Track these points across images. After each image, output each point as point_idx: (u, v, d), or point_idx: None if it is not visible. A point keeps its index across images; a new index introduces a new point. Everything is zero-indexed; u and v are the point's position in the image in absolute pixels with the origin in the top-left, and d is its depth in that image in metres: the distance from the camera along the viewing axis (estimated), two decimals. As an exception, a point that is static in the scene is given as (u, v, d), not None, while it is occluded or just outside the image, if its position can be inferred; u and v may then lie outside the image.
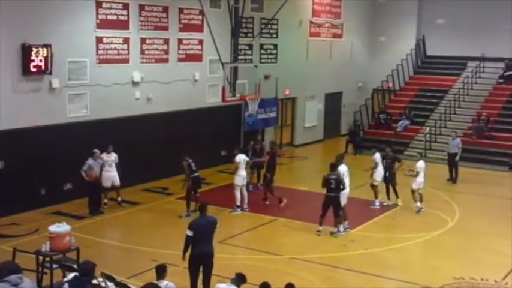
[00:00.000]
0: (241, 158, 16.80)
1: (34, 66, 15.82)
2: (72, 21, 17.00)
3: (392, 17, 30.35)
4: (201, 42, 21.12)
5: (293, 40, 25.91)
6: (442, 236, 15.42)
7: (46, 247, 10.97)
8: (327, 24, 27.97)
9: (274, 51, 25.03)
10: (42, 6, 16.21)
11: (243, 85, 22.35)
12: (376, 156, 17.71)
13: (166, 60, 19.99)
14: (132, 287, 9.73)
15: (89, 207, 16.16)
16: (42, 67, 15.98)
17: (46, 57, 15.97)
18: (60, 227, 11.11)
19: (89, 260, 8.25)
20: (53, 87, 16.54)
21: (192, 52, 20.93)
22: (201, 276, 10.59)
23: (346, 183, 15.14)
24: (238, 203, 16.76)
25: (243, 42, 22.39)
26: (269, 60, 24.69)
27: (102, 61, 17.89)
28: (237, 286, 9.18)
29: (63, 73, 16.78)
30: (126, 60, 18.62)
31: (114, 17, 18.16)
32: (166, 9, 19.79)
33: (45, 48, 15.94)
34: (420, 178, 17.16)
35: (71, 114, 17.20)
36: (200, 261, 10.49)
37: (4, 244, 13.50)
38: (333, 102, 29.28)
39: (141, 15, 19.01)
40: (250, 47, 23.38)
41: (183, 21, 20.48)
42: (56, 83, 16.56)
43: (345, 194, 15.20)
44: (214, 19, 20.77)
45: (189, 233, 10.38)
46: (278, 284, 9.12)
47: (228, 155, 20.86)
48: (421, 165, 17.36)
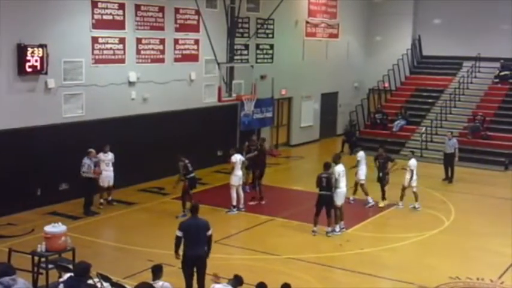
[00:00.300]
0: (237, 158, 16.82)
1: (30, 66, 15.78)
2: (68, 21, 16.98)
3: (388, 17, 30.38)
4: (197, 42, 21.11)
5: (289, 40, 25.92)
6: (437, 235, 15.44)
7: (42, 247, 10.94)
8: (322, 24, 27.98)
9: (270, 51, 25.04)
10: (38, 6, 16.17)
11: (239, 85, 22.31)
12: (359, 154, 17.77)
13: (162, 60, 19.97)
14: (128, 287, 9.71)
15: (84, 207, 16.13)
16: (38, 67, 15.94)
17: (42, 57, 15.93)
18: (55, 227, 11.08)
19: (84, 260, 8.24)
20: (48, 87, 16.52)
21: (188, 52, 20.92)
22: (196, 277, 10.60)
23: (343, 183, 15.14)
24: (234, 203, 16.77)
25: (239, 42, 22.38)
26: (265, 60, 24.70)
27: (98, 61, 17.87)
28: (233, 287, 9.19)
29: (58, 73, 16.76)
30: (122, 60, 18.61)
31: (110, 17, 18.14)
32: (162, 9, 19.77)
33: (40, 48, 15.90)
34: (412, 176, 17.21)
35: (67, 114, 17.17)
36: (193, 263, 10.54)
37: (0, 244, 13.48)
38: (329, 102, 29.29)
39: (136, 15, 18.98)
40: (247, 47, 23.39)
41: (179, 21, 20.47)
42: (51, 83, 16.54)
43: (342, 193, 15.19)
44: (210, 19, 20.75)
45: (178, 233, 10.53)
46: (274, 284, 9.11)
47: (224, 155, 20.83)
48: (413, 163, 17.44)
